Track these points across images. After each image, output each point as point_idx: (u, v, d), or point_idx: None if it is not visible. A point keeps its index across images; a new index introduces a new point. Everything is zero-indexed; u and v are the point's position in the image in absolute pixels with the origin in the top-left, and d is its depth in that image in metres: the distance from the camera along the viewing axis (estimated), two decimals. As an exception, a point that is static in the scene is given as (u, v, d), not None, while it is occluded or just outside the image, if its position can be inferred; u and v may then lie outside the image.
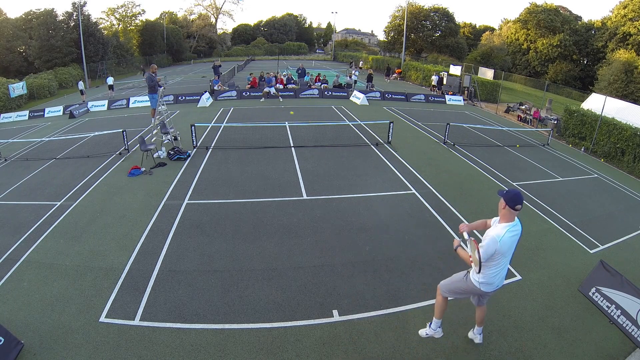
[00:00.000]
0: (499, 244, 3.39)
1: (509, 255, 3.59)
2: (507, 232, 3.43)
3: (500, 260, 3.52)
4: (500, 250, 3.42)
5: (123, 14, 49.89)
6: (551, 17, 40.39)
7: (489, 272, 3.59)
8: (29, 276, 5.52)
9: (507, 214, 3.47)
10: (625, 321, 4.86)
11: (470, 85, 24.47)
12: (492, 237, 3.43)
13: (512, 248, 3.55)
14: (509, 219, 3.48)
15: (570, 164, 12.62)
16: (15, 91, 23.77)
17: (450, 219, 7.51)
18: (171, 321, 4.62)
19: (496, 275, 3.63)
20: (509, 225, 3.46)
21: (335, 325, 4.64)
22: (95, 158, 10.96)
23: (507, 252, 3.52)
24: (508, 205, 3.42)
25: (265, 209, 7.65)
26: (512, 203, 3.41)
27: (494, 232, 3.47)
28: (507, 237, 3.43)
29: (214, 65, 24.41)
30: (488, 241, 3.42)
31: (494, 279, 3.64)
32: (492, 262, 3.53)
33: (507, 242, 3.44)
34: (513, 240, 3.50)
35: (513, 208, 3.41)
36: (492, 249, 3.40)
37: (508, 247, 3.47)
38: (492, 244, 3.40)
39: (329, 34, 76.51)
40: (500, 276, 3.67)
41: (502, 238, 3.39)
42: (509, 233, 3.43)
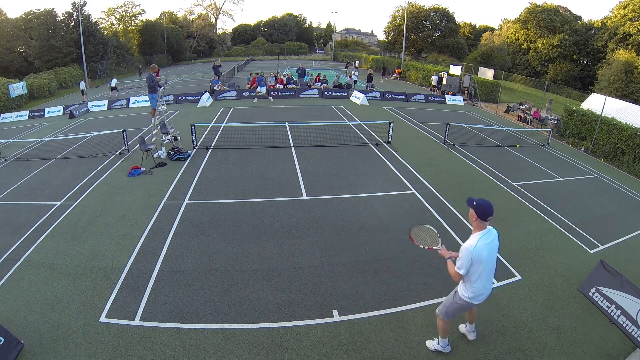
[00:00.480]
0: (473, 253, 3.44)
1: (489, 264, 3.59)
2: (479, 240, 3.48)
3: (480, 270, 3.52)
4: (477, 258, 3.45)
5: (123, 14, 49.97)
6: (551, 17, 40.40)
7: (475, 287, 3.62)
8: (29, 276, 5.52)
9: (478, 224, 3.53)
10: (625, 321, 4.86)
11: (470, 85, 24.47)
12: (466, 248, 3.48)
13: (491, 256, 3.57)
14: (481, 228, 3.54)
15: (570, 164, 12.62)
16: (15, 91, 23.77)
17: (450, 219, 7.51)
18: (171, 321, 4.62)
19: (482, 287, 3.66)
20: (482, 234, 3.52)
21: (335, 325, 4.64)
22: (95, 158, 10.96)
23: (486, 261, 3.53)
24: (479, 218, 3.48)
25: (265, 209, 7.65)
26: (483, 215, 3.47)
27: (467, 243, 3.52)
28: (481, 245, 3.47)
29: (214, 65, 24.42)
30: (463, 253, 3.49)
31: (481, 290, 3.68)
32: (473, 275, 3.55)
33: (482, 250, 3.46)
34: (490, 248, 3.54)
35: (484, 220, 3.48)
36: (468, 258, 3.45)
37: (485, 255, 3.49)
38: (467, 254, 3.45)
39: (329, 34, 76.54)
40: (486, 286, 3.70)
41: (475, 247, 3.45)
42: (482, 241, 3.49)
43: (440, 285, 5.49)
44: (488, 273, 3.64)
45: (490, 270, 3.67)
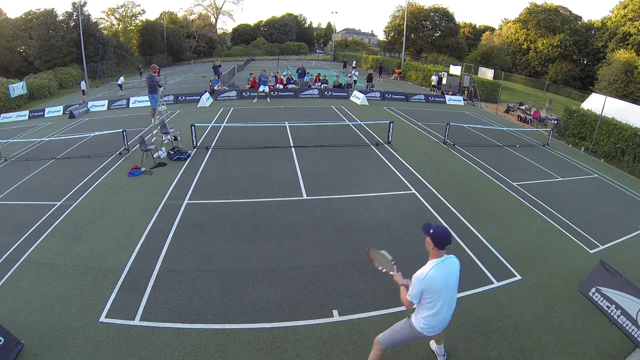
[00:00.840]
0: (423, 281, 3.13)
1: (446, 296, 3.25)
2: (433, 268, 3.16)
3: (434, 300, 3.20)
4: (428, 289, 3.14)
5: (123, 14, 49.96)
6: (551, 17, 40.41)
7: (428, 317, 3.29)
8: (29, 276, 5.52)
9: (435, 252, 3.22)
10: (625, 321, 4.86)
11: (470, 85, 24.48)
12: (417, 276, 3.19)
13: (448, 287, 3.23)
14: (437, 257, 3.22)
15: (570, 164, 12.62)
16: (15, 91, 23.77)
17: (450, 219, 7.51)
18: (171, 321, 4.62)
19: (438, 321, 3.33)
20: (437, 262, 3.19)
21: (335, 325, 4.64)
22: (95, 158, 10.96)
23: (441, 292, 3.20)
24: (436, 247, 3.18)
25: (265, 209, 7.65)
26: (440, 244, 3.17)
27: (420, 271, 3.21)
28: (434, 274, 3.13)
29: (214, 65, 24.43)
30: (414, 280, 3.20)
31: (435, 322, 3.33)
32: (426, 304, 3.24)
33: (435, 280, 3.13)
34: (445, 278, 3.19)
35: (441, 249, 3.18)
36: (418, 287, 3.16)
37: (438, 285, 3.15)
38: (417, 283, 3.16)
39: (329, 34, 76.55)
40: (441, 321, 3.36)
41: (426, 276, 3.13)
42: (436, 270, 3.15)
43: (440, 285, 5.49)
44: (444, 306, 3.27)
45: (449, 304, 3.32)
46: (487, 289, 5.49)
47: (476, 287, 5.50)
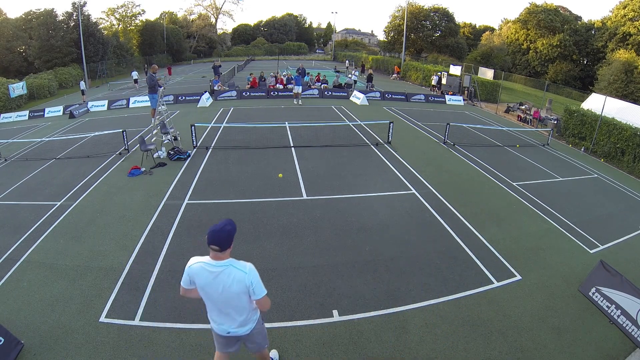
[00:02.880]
0: (189, 270, 2.94)
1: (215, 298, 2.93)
2: (198, 263, 2.91)
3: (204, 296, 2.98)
4: (195, 282, 2.93)
5: (123, 14, 49.91)
6: (551, 17, 40.38)
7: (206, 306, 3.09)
8: (29, 276, 5.52)
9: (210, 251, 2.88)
10: (625, 321, 4.86)
11: (470, 85, 24.48)
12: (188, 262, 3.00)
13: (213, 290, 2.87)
14: (211, 256, 2.89)
15: (570, 164, 12.62)
16: (15, 91, 23.75)
17: (450, 219, 7.51)
18: (171, 321, 4.62)
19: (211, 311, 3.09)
20: (205, 262, 2.89)
21: (335, 325, 4.64)
22: (95, 158, 10.96)
23: (208, 292, 2.92)
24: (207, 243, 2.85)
25: (265, 209, 7.65)
26: (207, 240, 2.83)
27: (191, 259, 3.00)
28: (198, 269, 2.89)
29: (214, 65, 24.45)
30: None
31: (211, 315, 3.11)
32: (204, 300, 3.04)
33: (200, 275, 2.88)
34: (208, 281, 2.86)
35: (209, 246, 2.84)
36: (185, 273, 2.96)
37: (202, 284, 2.90)
38: (185, 269, 2.97)
39: (329, 34, 76.55)
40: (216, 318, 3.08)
41: (190, 267, 2.94)
42: (201, 265, 2.89)
43: (440, 285, 5.50)
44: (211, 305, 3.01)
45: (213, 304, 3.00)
46: (487, 289, 5.49)
47: (476, 287, 5.50)
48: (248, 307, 3.03)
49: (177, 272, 5.55)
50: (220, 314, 3.04)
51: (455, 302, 5.16)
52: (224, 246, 2.84)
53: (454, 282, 5.57)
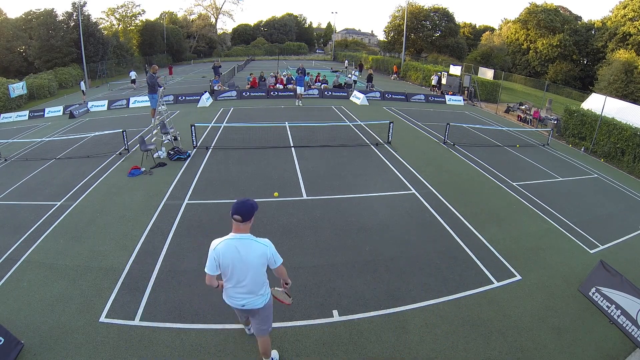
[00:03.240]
0: (214, 253, 3.21)
1: (240, 272, 3.24)
2: (222, 242, 3.22)
3: (228, 273, 3.26)
4: (221, 262, 3.20)
5: (123, 14, 49.91)
6: (551, 17, 40.39)
7: (227, 284, 3.39)
8: (29, 276, 5.52)
9: (233, 224, 3.26)
10: (625, 321, 4.86)
11: (470, 85, 24.48)
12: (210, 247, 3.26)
13: (239, 264, 3.20)
14: (234, 230, 3.26)
15: (570, 164, 12.62)
16: (15, 91, 23.74)
17: (450, 219, 7.51)
18: (171, 321, 4.62)
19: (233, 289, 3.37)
20: (229, 237, 3.24)
21: (335, 325, 4.64)
22: (95, 158, 10.96)
23: (234, 268, 3.21)
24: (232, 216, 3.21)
25: (265, 209, 7.64)
26: (231, 211, 3.22)
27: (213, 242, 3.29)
28: (222, 248, 3.19)
29: (214, 65, 24.46)
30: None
31: (230, 292, 3.40)
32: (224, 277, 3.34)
33: (224, 254, 3.18)
34: (234, 256, 3.18)
35: (232, 217, 3.21)
36: (211, 257, 3.22)
37: (229, 261, 3.19)
38: (210, 253, 3.23)
39: (329, 34, 76.56)
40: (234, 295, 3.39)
41: (215, 247, 3.23)
42: (225, 243, 3.21)
43: (440, 285, 5.50)
44: (236, 280, 3.29)
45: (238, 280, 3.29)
46: (487, 289, 5.49)
47: (476, 287, 5.50)
48: (264, 280, 3.43)
49: (177, 272, 5.56)
50: (240, 288, 3.34)
51: (455, 302, 5.16)
52: (245, 217, 3.22)
53: (454, 282, 5.57)
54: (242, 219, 3.20)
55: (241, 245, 3.22)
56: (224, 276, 3.35)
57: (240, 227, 3.25)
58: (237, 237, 3.24)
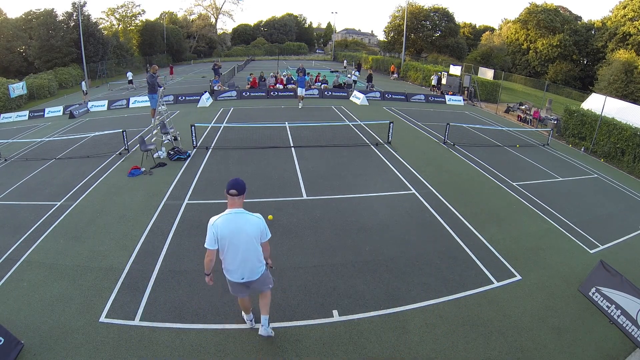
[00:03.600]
0: (213, 227, 3.56)
1: (237, 244, 3.61)
2: (220, 217, 3.59)
3: (226, 245, 3.60)
4: (219, 235, 3.55)
5: (123, 14, 49.90)
6: (551, 17, 40.39)
7: (225, 258, 3.72)
8: (29, 276, 5.52)
9: (228, 200, 3.65)
10: (625, 321, 4.86)
11: (470, 85, 24.48)
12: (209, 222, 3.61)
13: (236, 236, 3.58)
14: (229, 206, 3.65)
15: (570, 164, 12.62)
16: (15, 91, 23.75)
17: (450, 219, 7.51)
18: (171, 321, 4.62)
19: (231, 262, 3.71)
20: (226, 212, 3.61)
21: (335, 325, 4.64)
22: (95, 158, 10.96)
23: (231, 240, 3.58)
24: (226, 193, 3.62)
25: (265, 209, 7.63)
26: (226, 188, 3.63)
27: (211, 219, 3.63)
28: (221, 223, 3.55)
29: (214, 65, 24.47)
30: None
31: (230, 266, 3.73)
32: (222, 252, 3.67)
33: (222, 228, 3.54)
34: (232, 228, 3.56)
35: (227, 193, 3.62)
36: (210, 232, 3.57)
37: (227, 233, 3.55)
38: (209, 229, 3.59)
39: (329, 34, 76.56)
40: (236, 266, 3.72)
41: (214, 222, 3.57)
42: (223, 219, 3.57)
43: (440, 285, 5.50)
44: (233, 252, 3.64)
45: (237, 258, 3.67)
46: (487, 289, 5.49)
47: (476, 287, 5.50)
48: (260, 252, 3.77)
49: (177, 272, 5.56)
50: (239, 262, 3.68)
51: (455, 302, 5.16)
52: (240, 191, 3.62)
53: (454, 282, 5.57)
54: (237, 192, 3.59)
55: (237, 218, 3.59)
56: (221, 251, 3.64)
57: (236, 202, 3.62)
58: (233, 212, 3.60)
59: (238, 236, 3.58)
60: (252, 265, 3.76)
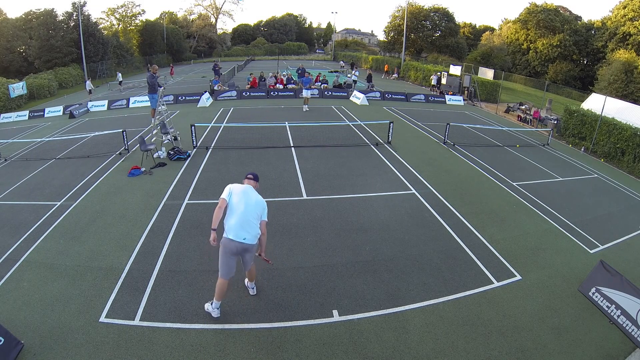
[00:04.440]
0: (230, 187, 4.47)
1: (246, 203, 4.35)
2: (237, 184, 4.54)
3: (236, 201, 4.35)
4: (233, 191, 4.41)
5: (123, 14, 49.93)
6: (551, 17, 40.39)
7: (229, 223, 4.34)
8: (29, 276, 5.52)
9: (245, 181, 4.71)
10: (625, 321, 4.86)
11: (470, 85, 24.48)
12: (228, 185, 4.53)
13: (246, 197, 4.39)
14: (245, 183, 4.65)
15: (570, 164, 12.62)
16: (15, 91, 23.76)
17: (450, 219, 7.51)
18: (171, 321, 4.62)
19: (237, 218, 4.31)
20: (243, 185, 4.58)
21: (335, 325, 4.64)
22: (95, 158, 10.96)
23: (241, 198, 4.37)
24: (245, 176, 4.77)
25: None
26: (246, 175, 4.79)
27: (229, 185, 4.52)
28: (237, 186, 4.48)
29: (214, 65, 24.47)
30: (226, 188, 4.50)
31: (235, 221, 4.31)
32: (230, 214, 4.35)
33: (237, 189, 4.44)
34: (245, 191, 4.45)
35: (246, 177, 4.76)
36: (227, 188, 4.45)
37: (240, 192, 4.41)
38: (226, 187, 4.47)
39: (329, 34, 76.54)
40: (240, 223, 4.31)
41: (231, 185, 4.50)
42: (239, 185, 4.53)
43: (440, 285, 5.50)
44: (241, 209, 4.32)
45: (243, 216, 4.31)
46: (487, 289, 5.49)
47: (476, 287, 5.50)
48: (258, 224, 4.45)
49: (177, 272, 5.56)
50: (244, 223, 4.33)
51: (455, 302, 5.16)
52: (256, 177, 4.79)
53: (454, 282, 5.57)
54: (253, 177, 4.74)
55: (250, 190, 4.53)
56: (230, 210, 4.35)
57: (251, 183, 4.67)
58: (248, 186, 4.58)
59: (247, 198, 4.38)
60: (252, 230, 4.36)
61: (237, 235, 4.28)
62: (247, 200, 4.36)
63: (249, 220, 4.33)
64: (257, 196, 4.49)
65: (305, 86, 17.39)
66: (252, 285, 5.10)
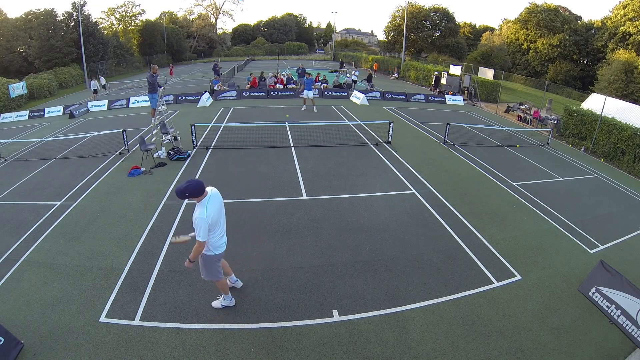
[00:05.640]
0: (207, 219, 4.02)
1: (221, 216, 4.37)
2: (207, 205, 4.07)
3: (216, 228, 4.23)
4: (211, 221, 4.08)
5: (123, 14, 49.90)
6: (551, 17, 40.38)
7: (213, 240, 4.27)
8: (29, 276, 5.52)
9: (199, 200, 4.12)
10: (625, 321, 4.86)
11: (470, 85, 24.48)
12: (200, 218, 4.00)
13: (220, 211, 4.31)
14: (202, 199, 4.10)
15: (570, 164, 12.62)
16: (15, 91, 23.74)
17: (450, 219, 7.51)
18: (171, 321, 4.62)
19: (220, 239, 4.37)
20: (205, 201, 4.09)
21: (335, 325, 4.64)
22: (95, 158, 10.96)
23: (219, 216, 4.28)
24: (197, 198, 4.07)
25: (265, 209, 7.65)
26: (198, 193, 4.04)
27: (198, 214, 4.03)
28: (210, 209, 4.08)
29: (214, 65, 24.45)
30: (199, 223, 4.01)
31: (219, 242, 4.37)
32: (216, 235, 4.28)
33: (212, 213, 4.09)
34: (217, 206, 4.21)
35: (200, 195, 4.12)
36: (205, 226, 4.02)
37: (215, 213, 4.15)
38: (204, 223, 4.00)
39: (329, 34, 76.52)
40: (221, 239, 4.42)
41: (207, 213, 4.03)
42: (210, 203, 4.10)
43: (440, 285, 5.50)
44: (222, 230, 4.38)
45: (223, 228, 4.40)
46: (487, 289, 5.49)
47: (476, 287, 5.50)
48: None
49: (177, 272, 5.56)
50: (224, 233, 4.43)
51: (455, 302, 5.16)
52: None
53: (454, 282, 5.57)
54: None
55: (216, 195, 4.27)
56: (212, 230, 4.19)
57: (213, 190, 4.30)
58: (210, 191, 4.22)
59: (221, 210, 4.32)
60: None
61: (222, 246, 4.46)
62: (220, 213, 4.36)
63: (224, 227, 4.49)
64: (220, 197, 4.36)
65: (307, 89, 17.17)
66: (234, 279, 5.19)
